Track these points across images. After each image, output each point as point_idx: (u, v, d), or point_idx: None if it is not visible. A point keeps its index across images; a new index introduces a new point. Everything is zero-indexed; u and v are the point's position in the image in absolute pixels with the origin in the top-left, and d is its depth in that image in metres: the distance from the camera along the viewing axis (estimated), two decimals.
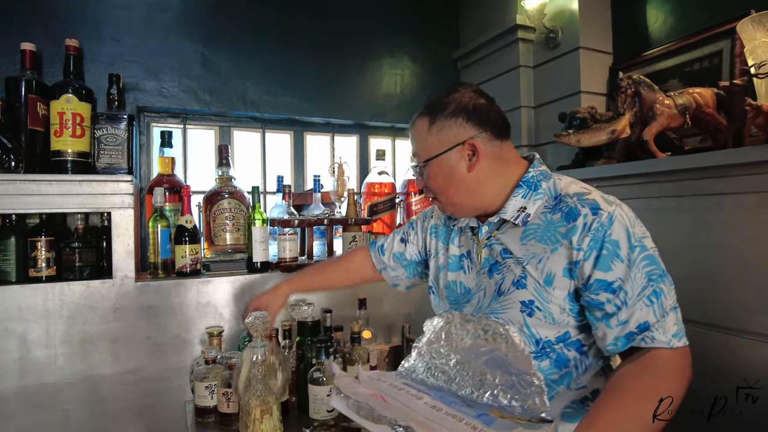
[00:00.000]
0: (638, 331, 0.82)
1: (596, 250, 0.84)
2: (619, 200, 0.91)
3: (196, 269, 1.69)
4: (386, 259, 1.33)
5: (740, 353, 1.33)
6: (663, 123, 1.49)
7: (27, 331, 1.43)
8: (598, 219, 0.85)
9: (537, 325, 0.91)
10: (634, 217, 0.89)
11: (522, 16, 2.17)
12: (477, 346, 0.86)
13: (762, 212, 1.29)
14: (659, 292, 0.83)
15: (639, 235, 0.86)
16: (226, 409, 1.37)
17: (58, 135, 1.57)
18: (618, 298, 0.83)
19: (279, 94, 2.16)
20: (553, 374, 0.92)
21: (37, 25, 1.74)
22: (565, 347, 0.91)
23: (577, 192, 0.92)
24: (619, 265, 0.84)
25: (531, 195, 0.95)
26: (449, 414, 0.84)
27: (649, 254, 0.84)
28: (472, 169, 0.95)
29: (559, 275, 0.89)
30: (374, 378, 1.01)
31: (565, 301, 0.89)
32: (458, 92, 0.99)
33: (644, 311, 0.82)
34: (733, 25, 1.56)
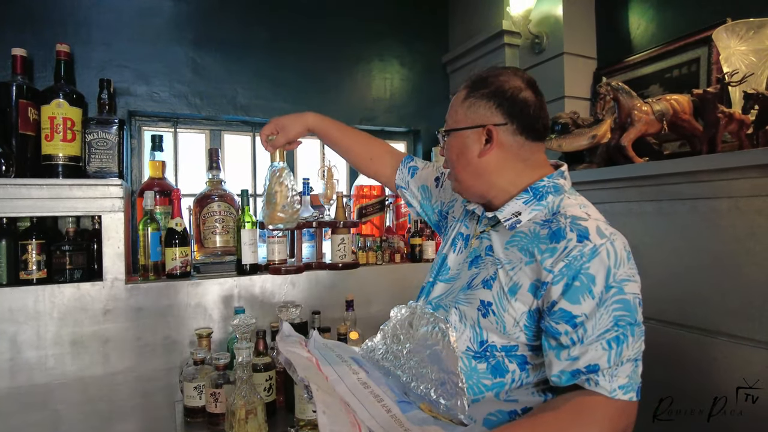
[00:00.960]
0: (585, 372, 0.79)
1: (567, 278, 0.80)
2: (619, 234, 0.85)
3: (186, 271, 1.72)
4: (411, 183, 1.26)
5: (717, 355, 1.37)
6: (641, 129, 1.53)
7: (18, 332, 1.45)
8: (580, 248, 0.80)
9: (487, 327, 0.89)
10: (626, 256, 0.82)
11: (508, 22, 2.20)
12: (425, 338, 0.88)
13: (734, 217, 1.33)
14: (622, 339, 0.78)
15: (621, 277, 0.80)
16: (214, 409, 1.40)
17: (49, 139, 1.59)
18: (576, 333, 0.80)
19: (269, 98, 2.19)
20: (485, 378, 0.90)
21: (28, 30, 1.77)
22: (508, 357, 0.89)
23: (575, 215, 0.86)
24: (588, 301, 0.79)
25: (532, 203, 0.91)
26: (373, 393, 0.88)
27: (624, 299, 0.79)
28: (483, 155, 0.93)
29: (524, 289, 0.86)
30: (328, 346, 1.05)
31: (522, 317, 0.86)
32: (505, 75, 0.94)
33: (598, 353, 0.78)
34: (710, 33, 1.61)
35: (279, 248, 1.80)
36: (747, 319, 1.30)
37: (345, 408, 0.83)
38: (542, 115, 0.94)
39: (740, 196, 1.32)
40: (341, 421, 0.78)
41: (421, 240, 2.16)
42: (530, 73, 2.22)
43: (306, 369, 0.89)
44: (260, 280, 1.79)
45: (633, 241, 1.56)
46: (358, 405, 0.85)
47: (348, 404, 0.84)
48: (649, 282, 1.56)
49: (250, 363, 1.19)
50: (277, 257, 1.79)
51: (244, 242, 1.76)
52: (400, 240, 2.22)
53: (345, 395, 0.87)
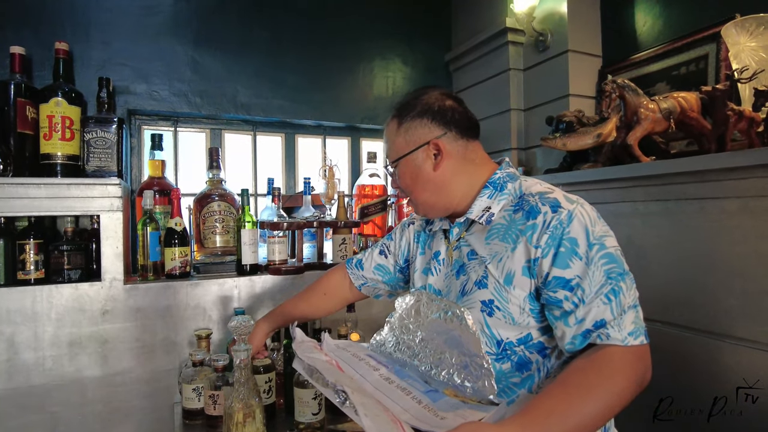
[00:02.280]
0: (594, 329, 0.82)
1: (554, 248, 0.85)
2: (583, 200, 0.91)
3: (186, 272, 1.70)
4: (366, 273, 1.31)
5: (724, 358, 1.34)
6: (647, 127, 1.50)
7: (15, 333, 1.44)
8: (557, 216, 0.86)
9: (497, 325, 0.91)
10: (597, 216, 0.89)
11: (512, 20, 2.18)
12: (438, 324, 0.88)
13: (744, 217, 1.30)
14: (618, 290, 0.83)
15: (599, 233, 0.86)
16: (212, 411, 1.38)
17: (47, 138, 1.58)
18: (575, 296, 0.84)
19: (270, 96, 2.17)
20: (514, 377, 0.91)
21: (27, 28, 1.75)
22: (527, 349, 0.91)
23: (540, 191, 0.92)
24: (577, 263, 0.84)
25: (496, 195, 0.97)
26: (399, 387, 0.87)
27: (608, 252, 0.84)
28: (437, 168, 0.98)
29: (518, 274, 0.89)
30: (341, 347, 1.04)
31: (525, 301, 0.89)
32: (426, 94, 1.01)
33: (601, 309, 0.82)
34: (719, 29, 1.58)
35: (279, 248, 1.78)
36: (756, 323, 1.27)
37: (382, 407, 0.82)
38: (468, 114, 1.02)
39: (750, 196, 1.29)
40: (383, 420, 0.77)
41: None
42: (534, 72, 2.21)
43: (332, 373, 0.87)
44: (260, 280, 1.77)
45: (639, 242, 1.55)
46: (389, 401, 0.84)
47: (379, 401, 0.83)
48: (655, 283, 1.55)
49: (248, 365, 1.17)
50: (278, 257, 1.77)
51: (244, 242, 1.74)
52: None
53: (372, 394, 0.86)
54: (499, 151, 2.33)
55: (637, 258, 1.58)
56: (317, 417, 1.34)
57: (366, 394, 0.83)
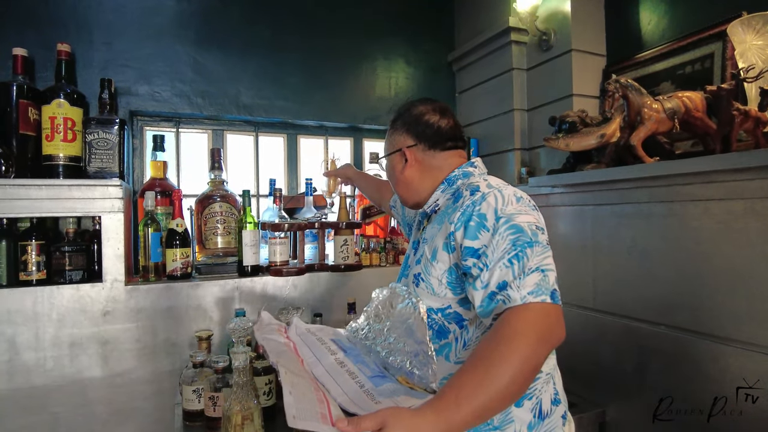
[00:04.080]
0: (497, 290, 0.87)
1: (465, 222, 0.94)
2: (508, 186, 1.00)
3: (187, 272, 1.70)
4: (397, 203, 1.51)
5: (725, 359, 1.32)
6: (651, 127, 1.48)
7: (16, 333, 1.45)
8: (472, 198, 0.96)
9: (422, 294, 1.02)
10: (516, 199, 0.95)
11: (515, 19, 2.16)
12: (401, 314, 0.95)
13: (750, 219, 1.28)
14: (522, 255, 0.87)
15: (510, 211, 0.92)
16: (212, 413, 1.38)
17: (49, 139, 1.59)
18: (481, 262, 0.90)
19: (272, 97, 2.17)
20: (434, 343, 0.98)
21: (30, 30, 1.76)
22: (445, 318, 1.00)
23: (471, 182, 1.04)
24: (485, 234, 0.92)
25: (446, 190, 1.09)
26: (349, 371, 0.94)
27: (515, 224, 0.90)
28: (404, 171, 1.14)
29: (440, 249, 1.00)
30: (311, 331, 1.14)
31: (444, 274, 0.99)
32: (415, 107, 1.15)
33: (503, 271, 0.87)
34: (725, 27, 1.55)
35: (281, 249, 1.77)
36: (762, 326, 1.24)
37: (315, 386, 0.88)
38: (445, 130, 1.12)
39: (756, 198, 1.26)
40: (308, 399, 0.82)
41: None
42: (538, 71, 2.18)
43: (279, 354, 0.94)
44: (261, 281, 1.77)
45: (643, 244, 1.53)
46: (332, 383, 0.91)
47: (323, 384, 0.90)
48: (659, 286, 1.53)
49: (246, 367, 1.17)
50: (279, 258, 1.77)
51: (245, 243, 1.74)
52: (404, 241, 2.18)
53: (321, 376, 0.94)
54: (502, 151, 2.31)
55: (640, 259, 1.56)
56: None
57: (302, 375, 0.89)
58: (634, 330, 1.59)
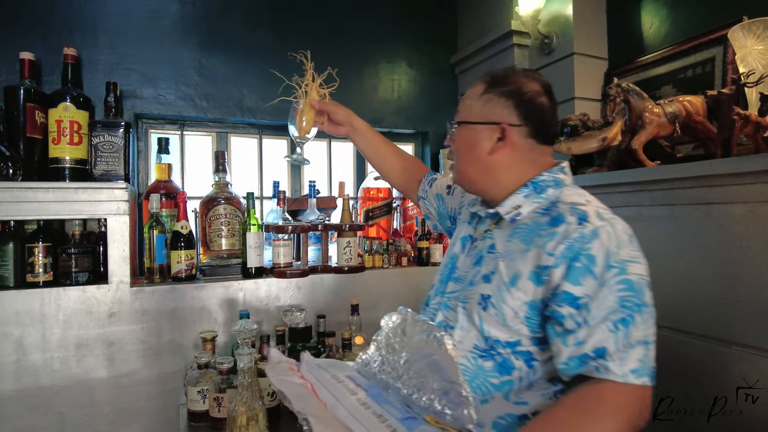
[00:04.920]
0: (594, 356, 0.76)
1: (569, 260, 0.80)
2: (619, 220, 0.85)
3: (192, 274, 1.72)
4: (429, 193, 1.31)
5: (726, 361, 1.33)
6: (652, 131, 1.49)
7: (24, 335, 1.46)
8: (580, 230, 0.81)
9: (488, 321, 0.88)
10: (628, 239, 0.82)
11: (517, 22, 2.17)
12: (421, 347, 0.85)
13: (750, 223, 1.29)
14: (629, 320, 0.76)
15: (623, 257, 0.79)
16: (217, 413, 1.39)
17: (55, 142, 1.60)
18: (580, 315, 0.78)
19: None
20: (492, 377, 0.88)
21: (36, 34, 1.78)
22: (513, 354, 0.87)
23: (574, 201, 0.87)
24: (590, 282, 0.78)
25: (532, 197, 0.92)
26: (375, 414, 0.84)
27: (628, 279, 0.78)
28: (494, 153, 0.94)
29: (524, 277, 0.85)
30: (321, 367, 1.01)
31: (522, 307, 0.85)
32: (526, 77, 0.95)
33: (604, 335, 0.76)
34: (725, 32, 1.56)
35: (284, 251, 1.79)
36: (762, 329, 1.25)
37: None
38: (555, 121, 0.97)
39: (756, 202, 1.27)
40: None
41: (428, 243, 2.14)
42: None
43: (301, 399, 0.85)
44: (265, 283, 1.78)
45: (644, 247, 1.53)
46: (360, 428, 0.81)
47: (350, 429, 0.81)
48: (660, 289, 1.52)
49: (251, 369, 1.18)
50: (283, 260, 1.78)
51: (249, 245, 1.75)
52: (407, 243, 2.20)
53: (346, 420, 0.83)
54: None
55: None
56: None
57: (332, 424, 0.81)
58: None
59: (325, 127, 1.31)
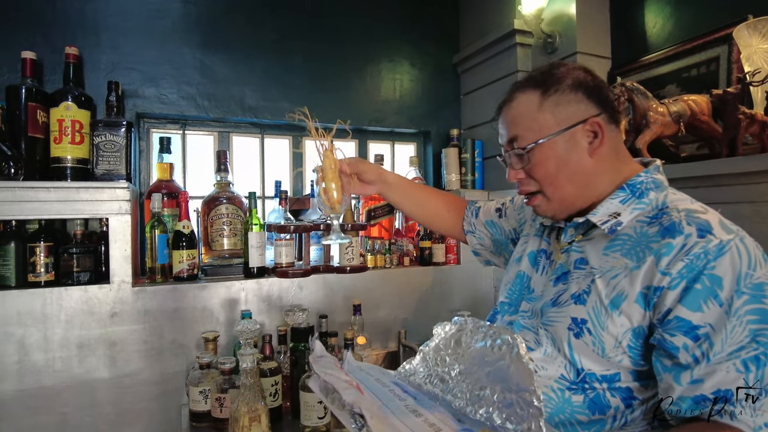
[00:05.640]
0: (713, 399, 0.65)
1: (687, 281, 0.67)
2: (745, 232, 0.72)
3: (194, 274, 1.71)
4: (477, 222, 1.20)
5: None
6: (656, 131, 1.48)
7: (26, 335, 1.46)
8: (703, 244, 0.68)
9: (581, 350, 0.76)
10: (763, 256, 0.69)
11: (520, 21, 2.16)
12: (483, 355, 0.75)
13: (756, 222, 1.28)
14: (764, 360, 0.63)
15: (759, 280, 0.66)
16: (219, 414, 1.39)
17: (57, 142, 1.60)
18: (699, 348, 0.66)
19: (277, 99, 2.18)
20: (581, 414, 0.76)
21: (38, 33, 1.77)
22: (610, 391, 0.75)
23: (689, 208, 0.74)
24: (714, 308, 0.66)
25: (631, 202, 0.79)
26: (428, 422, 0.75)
27: (764, 309, 0.65)
28: (594, 154, 0.80)
29: (631, 299, 0.72)
30: (363, 369, 0.93)
31: (626, 335, 0.72)
32: (566, 67, 0.85)
33: (731, 376, 0.64)
34: (730, 30, 1.55)
35: (287, 251, 1.78)
36: None
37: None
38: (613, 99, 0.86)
39: (762, 201, 1.27)
40: None
41: (430, 243, 2.13)
42: None
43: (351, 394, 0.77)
44: (267, 283, 1.78)
45: None
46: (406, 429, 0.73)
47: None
48: None
49: (254, 369, 1.18)
50: (285, 260, 1.78)
51: (251, 245, 1.75)
52: (410, 243, 2.19)
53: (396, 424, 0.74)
54: None
55: None
56: (323, 421, 1.35)
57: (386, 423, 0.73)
58: None
59: (355, 190, 1.11)
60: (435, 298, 2.09)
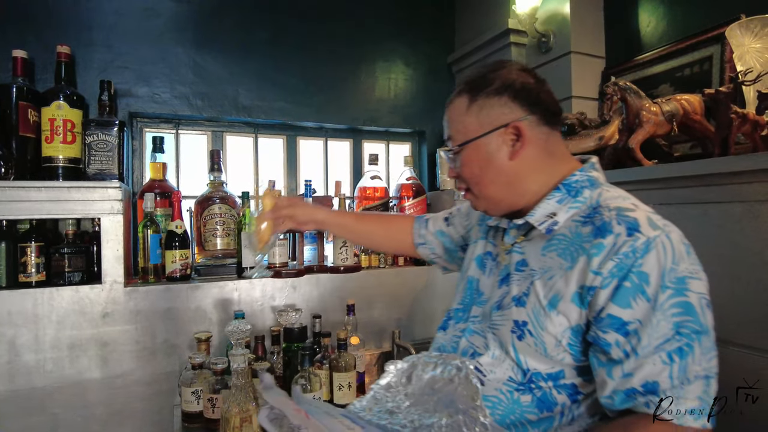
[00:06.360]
0: (642, 392, 0.68)
1: (618, 279, 0.70)
2: (673, 227, 0.75)
3: (186, 274, 1.71)
4: (427, 233, 1.22)
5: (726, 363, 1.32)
6: (649, 130, 1.48)
7: (16, 335, 1.45)
8: (631, 242, 0.70)
9: (525, 351, 0.78)
10: (686, 250, 0.73)
11: (514, 21, 2.16)
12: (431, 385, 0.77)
13: (748, 222, 1.28)
14: (687, 351, 0.67)
15: (681, 273, 0.70)
16: (211, 414, 1.39)
17: (49, 141, 1.59)
18: (629, 344, 0.69)
19: (271, 98, 2.17)
20: (530, 414, 0.78)
21: (29, 32, 1.76)
22: (556, 388, 0.77)
23: (620, 206, 0.76)
24: (641, 304, 0.69)
25: (567, 201, 0.82)
26: None
27: (686, 302, 0.68)
28: (515, 157, 0.83)
29: (567, 299, 0.75)
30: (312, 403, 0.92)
31: (565, 334, 0.75)
32: (505, 68, 0.86)
33: (657, 368, 0.67)
34: (723, 30, 1.55)
35: (280, 251, 1.77)
36: (761, 329, 1.25)
37: None
38: (553, 97, 0.87)
39: (754, 201, 1.27)
40: None
41: None
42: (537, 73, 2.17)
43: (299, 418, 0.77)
44: (260, 283, 1.77)
45: None
46: None
47: None
48: None
49: (245, 370, 1.17)
50: (278, 260, 1.77)
51: (244, 245, 1.74)
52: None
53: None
54: None
55: None
56: None
57: None
58: None
59: (290, 226, 1.19)
60: (429, 297, 2.08)
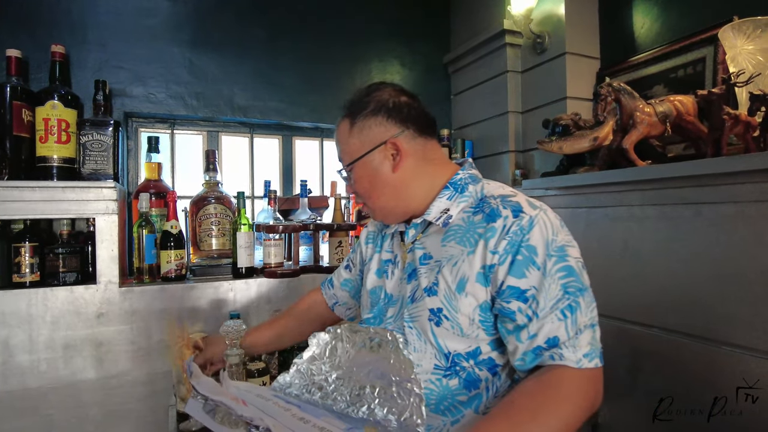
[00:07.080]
0: (547, 347, 0.78)
1: (512, 255, 0.80)
2: (546, 206, 0.87)
3: (181, 274, 1.70)
4: (336, 291, 1.26)
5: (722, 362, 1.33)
6: (643, 131, 1.49)
7: (10, 336, 1.44)
8: (518, 222, 0.82)
9: (445, 336, 0.86)
10: (560, 224, 0.85)
11: (509, 21, 2.17)
12: (361, 356, 0.79)
13: (740, 222, 1.29)
14: (575, 306, 0.78)
15: (560, 243, 0.81)
16: None
17: (43, 141, 1.58)
18: (530, 309, 0.79)
19: (267, 98, 2.17)
20: (460, 395, 0.86)
21: (24, 31, 1.76)
22: (477, 365, 0.86)
23: (502, 194, 0.89)
24: (534, 273, 0.79)
25: (456, 197, 0.92)
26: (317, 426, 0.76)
27: (567, 265, 0.80)
28: (397, 169, 0.93)
29: (472, 280, 0.84)
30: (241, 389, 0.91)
31: (476, 311, 0.84)
32: (379, 91, 0.96)
33: (555, 325, 0.78)
34: (716, 31, 1.56)
35: (275, 251, 1.78)
36: (752, 329, 1.26)
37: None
38: (424, 111, 0.97)
39: (746, 201, 1.28)
40: None
41: None
42: (532, 74, 2.19)
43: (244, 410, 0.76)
44: (256, 283, 1.77)
45: (635, 246, 1.54)
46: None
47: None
48: (651, 288, 1.54)
49: (240, 370, 1.17)
50: (274, 260, 1.77)
51: (240, 245, 1.74)
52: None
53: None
54: (497, 153, 2.33)
55: (633, 262, 1.57)
56: None
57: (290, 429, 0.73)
58: (627, 332, 1.60)
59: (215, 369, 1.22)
60: None
